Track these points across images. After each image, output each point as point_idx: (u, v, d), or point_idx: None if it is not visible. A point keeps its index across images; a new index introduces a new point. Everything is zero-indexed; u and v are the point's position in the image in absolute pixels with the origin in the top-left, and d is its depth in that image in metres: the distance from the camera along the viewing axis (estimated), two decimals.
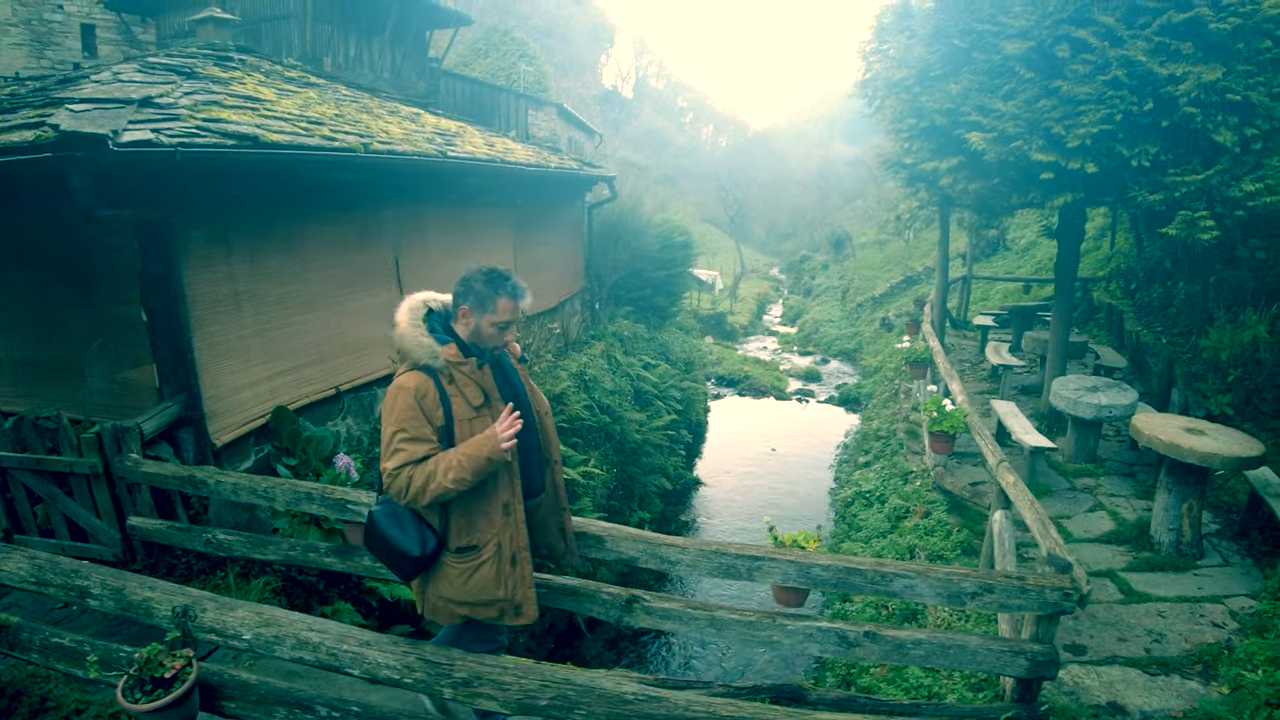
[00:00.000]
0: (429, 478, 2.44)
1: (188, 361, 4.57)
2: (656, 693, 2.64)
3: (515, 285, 2.63)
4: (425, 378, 2.52)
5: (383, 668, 2.79)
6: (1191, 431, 5.73)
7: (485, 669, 2.74)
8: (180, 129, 4.14)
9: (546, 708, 2.67)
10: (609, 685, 2.67)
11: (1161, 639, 4.89)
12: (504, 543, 2.63)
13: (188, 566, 4.57)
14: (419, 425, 2.49)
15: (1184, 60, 5.84)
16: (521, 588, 2.68)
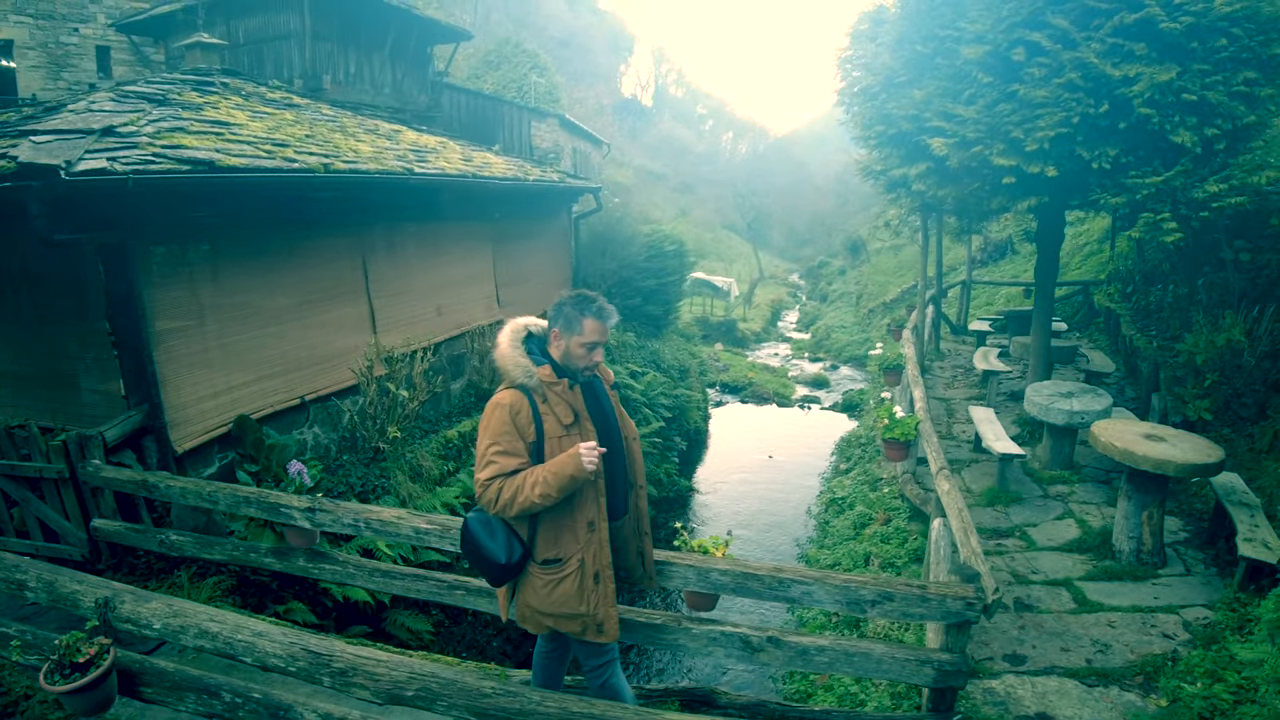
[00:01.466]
0: (517, 491, 2.60)
1: (149, 374, 4.95)
2: (512, 688, 2.87)
3: (601, 307, 2.79)
4: (520, 395, 2.71)
5: (271, 656, 3.08)
6: (1150, 438, 5.76)
7: (361, 661, 3.01)
8: (136, 157, 4.52)
9: (413, 698, 2.93)
10: (470, 680, 2.91)
11: (1107, 649, 4.93)
12: (587, 559, 2.76)
13: (148, 566, 4.94)
14: (512, 440, 2.67)
15: (1138, 61, 5.90)
16: (604, 605, 2.79)
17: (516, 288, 9.46)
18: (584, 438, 2.73)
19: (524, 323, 2.90)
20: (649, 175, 37.44)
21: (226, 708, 3.23)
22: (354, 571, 4.36)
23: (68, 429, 4.87)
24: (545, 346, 2.86)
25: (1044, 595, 5.63)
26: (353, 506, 4.20)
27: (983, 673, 4.73)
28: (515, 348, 2.77)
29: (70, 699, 3.19)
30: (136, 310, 4.86)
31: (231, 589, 5.00)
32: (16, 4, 11.01)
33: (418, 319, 7.51)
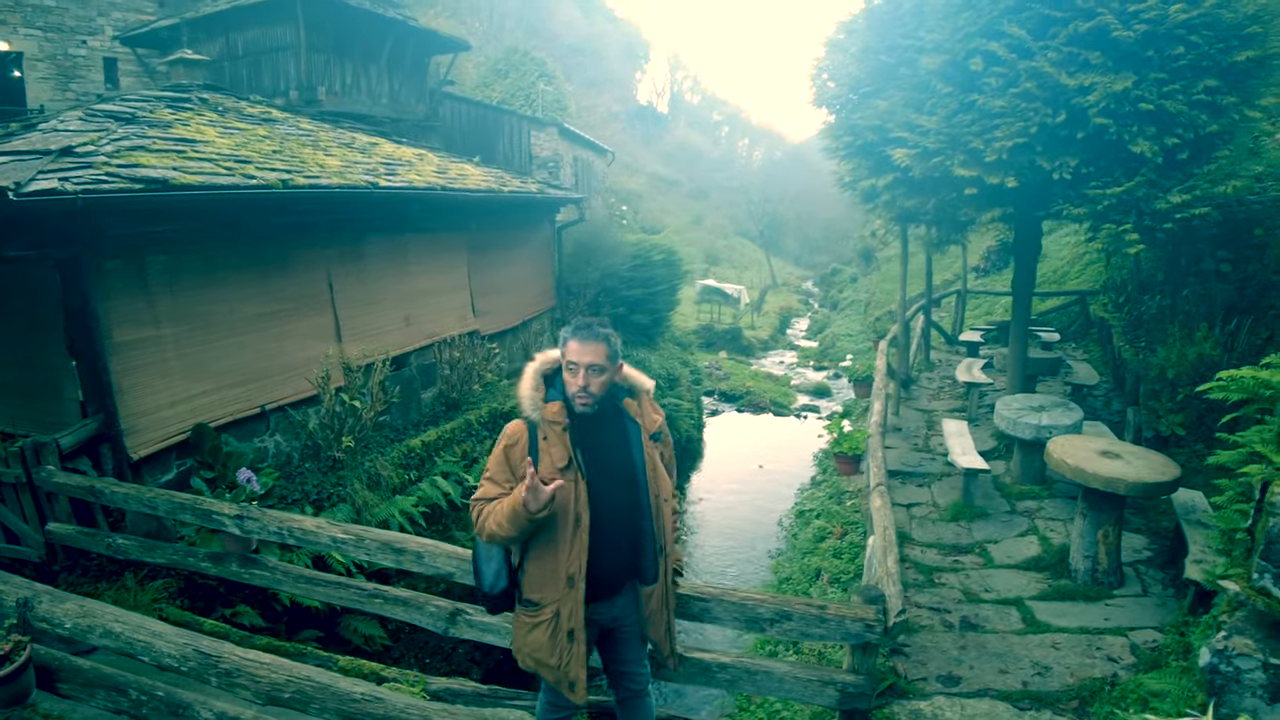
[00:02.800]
0: (486, 518, 2.64)
1: (104, 383, 5.25)
2: (379, 694, 3.06)
3: (579, 325, 2.70)
4: (523, 429, 2.70)
5: (165, 656, 3.30)
6: (1106, 455, 5.75)
7: (246, 663, 3.22)
8: (89, 176, 4.81)
9: (289, 700, 3.13)
10: (343, 686, 3.11)
11: (1046, 672, 4.90)
12: (563, 613, 2.69)
13: (100, 569, 5.23)
14: (500, 470, 2.70)
15: (1093, 70, 5.93)
16: (574, 666, 2.71)
17: (494, 297, 9.71)
18: (575, 485, 2.65)
19: (553, 356, 2.80)
20: (662, 182, 37.66)
21: (133, 704, 3.47)
22: (281, 578, 4.59)
23: (30, 435, 5.19)
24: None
25: (992, 615, 5.65)
26: (277, 515, 4.43)
27: (913, 693, 4.75)
28: (533, 380, 2.75)
29: None
30: (91, 322, 5.16)
31: (180, 591, 5.26)
32: (26, 17, 11.61)
33: (386, 329, 7.79)
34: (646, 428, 2.84)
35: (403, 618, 4.35)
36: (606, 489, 2.73)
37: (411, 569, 4.16)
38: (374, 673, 4.64)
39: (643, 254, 12.24)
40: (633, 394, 2.88)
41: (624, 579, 2.89)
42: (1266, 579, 3.20)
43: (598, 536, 2.70)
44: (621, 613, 2.92)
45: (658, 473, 2.83)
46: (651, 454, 2.83)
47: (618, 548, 2.80)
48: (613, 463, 2.76)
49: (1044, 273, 13.72)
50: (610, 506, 2.73)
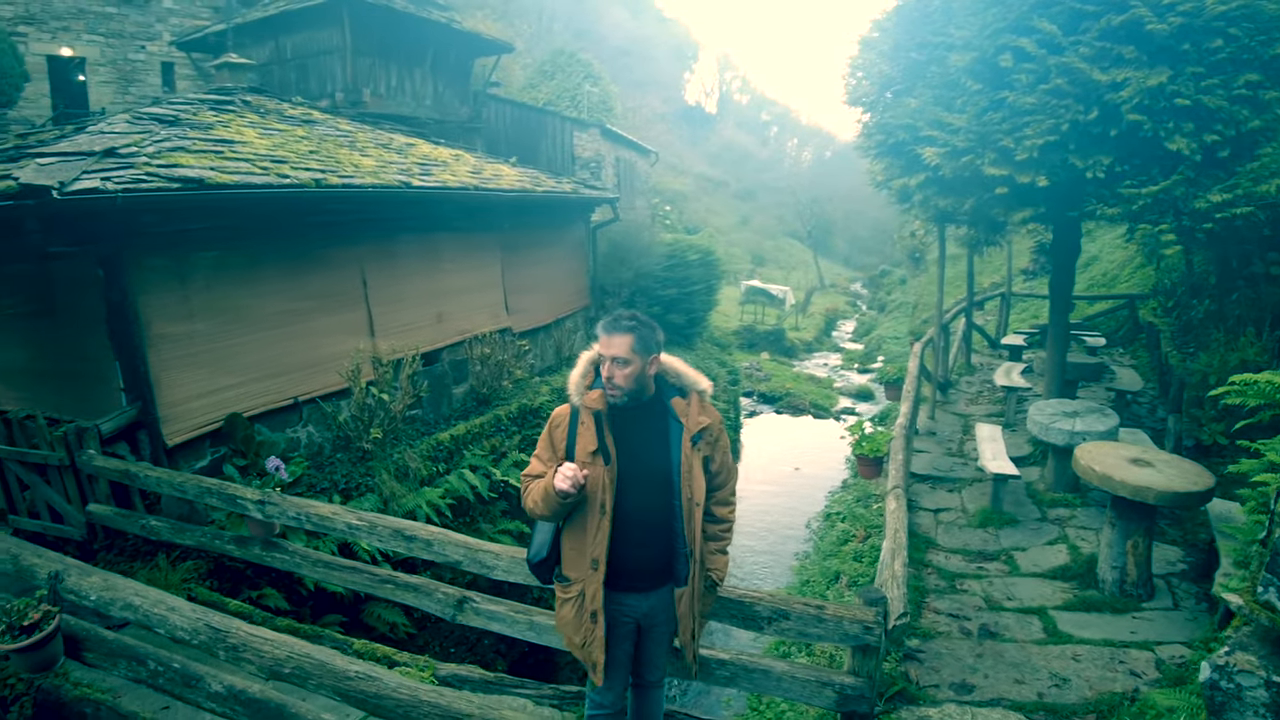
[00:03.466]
0: (528, 494, 2.81)
1: (142, 373, 5.56)
2: (373, 673, 3.19)
3: (608, 320, 2.78)
4: (567, 411, 2.84)
5: (179, 629, 3.51)
6: (1136, 463, 5.61)
7: (252, 639, 3.39)
8: (130, 176, 5.11)
9: (289, 675, 3.29)
10: (339, 664, 3.25)
11: (1064, 684, 4.79)
12: (587, 593, 2.79)
13: (135, 549, 5.53)
14: (544, 448, 2.87)
15: (1126, 65, 5.78)
16: (593, 647, 2.81)
17: (527, 296, 9.89)
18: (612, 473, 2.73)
19: None
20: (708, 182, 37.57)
21: (150, 674, 3.69)
22: (300, 561, 4.80)
23: (74, 421, 5.53)
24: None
25: (1013, 623, 5.55)
26: (296, 501, 4.63)
27: (923, 700, 4.71)
28: (583, 368, 2.85)
29: (17, 657, 3.72)
30: (131, 315, 5.46)
31: (210, 573, 5.53)
32: (90, 24, 12.30)
33: (418, 325, 8.02)
34: (689, 429, 2.80)
35: (413, 603, 4.49)
36: (637, 483, 2.79)
37: (421, 556, 4.30)
38: (386, 656, 4.81)
39: (678, 254, 12.29)
40: (684, 393, 2.88)
41: (658, 576, 2.93)
42: (1271, 592, 3.09)
43: (625, 527, 2.77)
44: (653, 610, 2.96)
45: (692, 475, 2.79)
46: (688, 455, 2.79)
47: (648, 543, 2.84)
48: (647, 458, 2.81)
49: (1093, 276, 13.32)
50: (640, 501, 2.79)
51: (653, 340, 2.77)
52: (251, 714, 3.47)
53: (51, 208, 4.62)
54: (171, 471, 5.09)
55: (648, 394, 2.82)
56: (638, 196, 19.76)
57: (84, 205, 4.74)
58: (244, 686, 3.50)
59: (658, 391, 2.86)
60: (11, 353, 6.21)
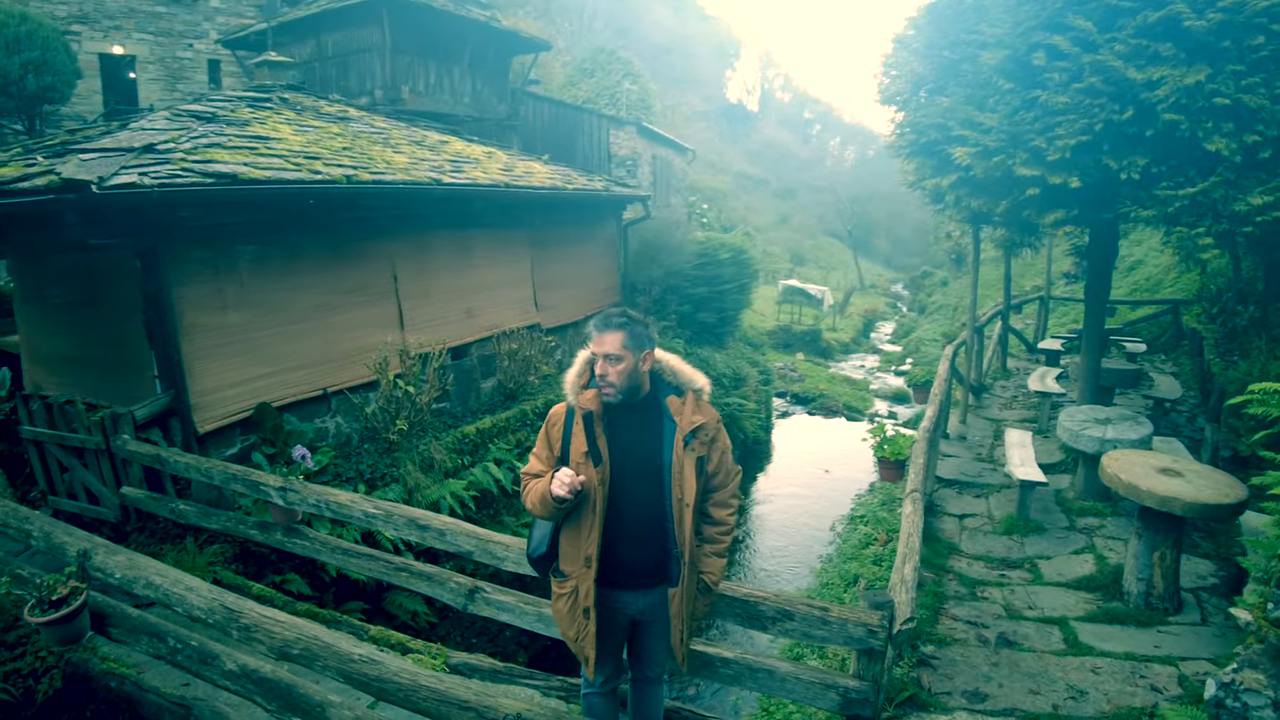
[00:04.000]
0: (527, 494, 2.85)
1: (175, 362, 5.77)
2: (376, 657, 3.29)
3: (600, 317, 2.80)
4: (563, 411, 2.86)
5: (195, 608, 3.65)
6: (1165, 472, 5.47)
7: (264, 620, 3.52)
8: (166, 172, 5.31)
9: (297, 656, 3.41)
10: (344, 646, 3.36)
11: (1081, 697, 4.71)
12: (580, 589, 2.84)
13: (165, 531, 5.74)
14: (542, 447, 2.89)
15: (1163, 63, 5.63)
16: (585, 641, 2.88)
17: (556, 292, 10.00)
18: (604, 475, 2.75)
19: None
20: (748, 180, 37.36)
21: (170, 650, 3.85)
22: (319, 548, 4.94)
23: (111, 407, 5.76)
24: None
25: (1032, 633, 5.47)
26: (316, 489, 4.77)
27: (934, 706, 4.67)
28: (579, 367, 2.88)
29: (47, 630, 3.91)
30: (166, 306, 5.68)
31: (235, 557, 5.72)
32: (140, 23, 12.75)
33: (447, 320, 8.16)
34: (682, 428, 2.79)
35: (427, 591, 4.60)
36: (629, 482, 2.79)
37: (434, 545, 4.40)
38: (400, 644, 4.95)
39: (709, 252, 12.27)
40: (679, 392, 2.88)
41: (653, 574, 2.94)
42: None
43: (617, 525, 2.80)
44: (650, 607, 2.98)
45: (684, 476, 2.78)
46: (680, 455, 2.78)
47: (643, 541, 2.86)
48: (639, 458, 2.81)
49: (1137, 280, 12.95)
50: (634, 500, 2.81)
51: (645, 336, 2.77)
52: (264, 692, 3.60)
53: (91, 201, 4.82)
54: (199, 458, 5.29)
55: (642, 392, 2.83)
56: (674, 194, 19.77)
57: (122, 199, 4.94)
58: (256, 666, 3.62)
59: (653, 389, 2.87)
60: (57, 340, 6.50)
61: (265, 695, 3.60)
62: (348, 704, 3.44)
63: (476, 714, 3.01)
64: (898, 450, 6.41)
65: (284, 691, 3.53)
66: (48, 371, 6.57)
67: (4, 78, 10.22)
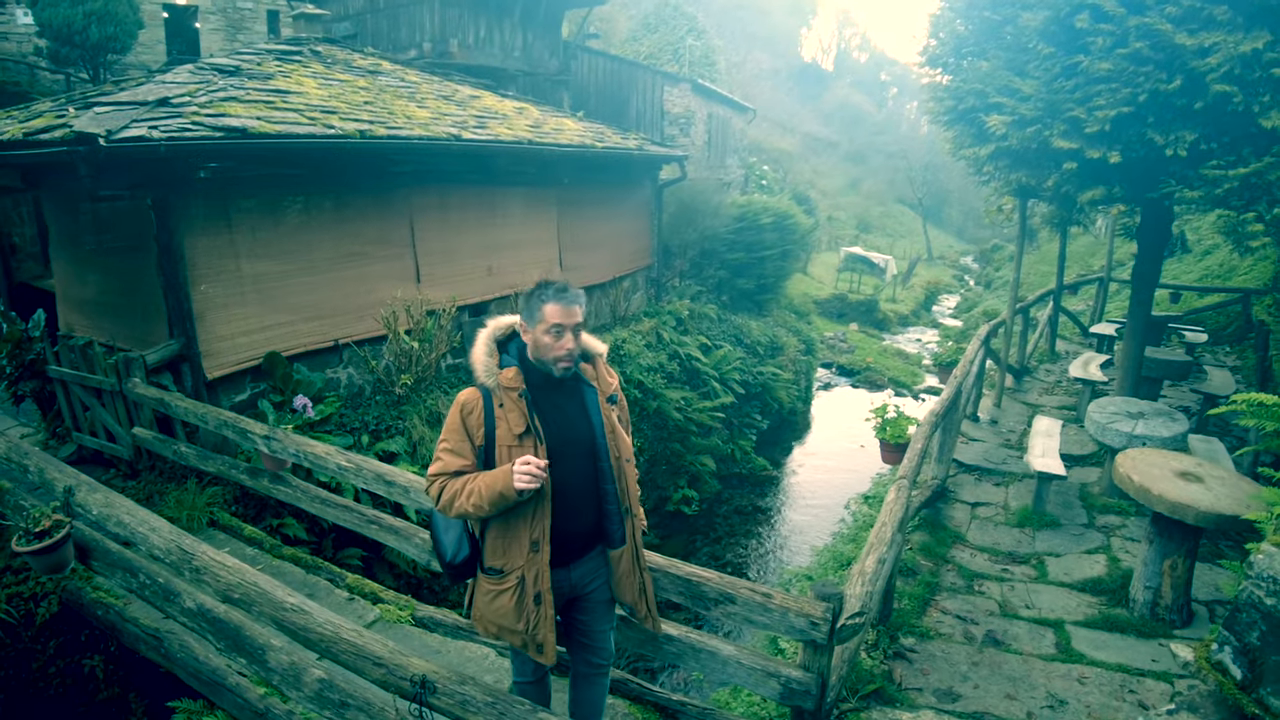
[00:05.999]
0: (455, 495, 2.61)
1: (185, 310, 6.01)
2: (306, 607, 3.40)
3: (561, 289, 2.70)
4: (477, 395, 2.69)
5: (155, 548, 3.85)
6: (1185, 476, 5.13)
7: (213, 564, 3.67)
8: (176, 125, 5.47)
9: (238, 600, 3.55)
10: (279, 595, 3.47)
11: (1060, 706, 4.49)
12: (528, 577, 2.72)
13: (173, 471, 6.06)
14: (459, 440, 2.68)
15: (1218, 28, 5.14)
16: (543, 628, 2.76)
17: (585, 253, 9.96)
18: (535, 452, 2.65)
19: (507, 322, 2.85)
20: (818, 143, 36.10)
21: (139, 585, 4.09)
22: (300, 495, 5.15)
23: (130, 350, 6.08)
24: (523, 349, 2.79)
25: (1024, 634, 5.27)
26: (298, 439, 4.95)
27: (901, 702, 4.55)
28: (486, 345, 2.75)
29: (33, 559, 4.20)
30: (177, 255, 5.90)
31: (236, 499, 5.99)
32: None
33: (467, 276, 8.24)
34: (602, 390, 2.85)
35: (394, 545, 4.74)
36: (566, 454, 2.75)
37: (400, 501, 4.52)
38: (373, 593, 5.13)
39: (748, 216, 11.95)
40: (587, 358, 2.90)
41: (588, 544, 2.93)
42: (1226, 653, 2.77)
43: (559, 501, 2.75)
44: (581, 579, 2.96)
45: (616, 435, 2.84)
46: (609, 417, 2.83)
47: (579, 512, 2.84)
48: (571, 428, 2.79)
49: (1208, 265, 12.03)
50: (570, 471, 2.77)
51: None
52: (215, 632, 3.79)
53: (101, 154, 5.01)
54: (197, 403, 5.53)
55: None
56: (730, 154, 19.30)
57: (130, 151, 5.12)
58: (211, 606, 3.81)
59: None
60: (86, 285, 6.85)
61: (217, 634, 3.79)
62: (287, 649, 3.59)
63: (387, 670, 3.07)
64: (900, 433, 6.19)
65: (233, 632, 3.71)
66: (78, 314, 6.96)
67: (69, 27, 10.69)
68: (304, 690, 3.47)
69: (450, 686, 2.92)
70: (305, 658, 3.55)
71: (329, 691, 3.40)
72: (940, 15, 7.49)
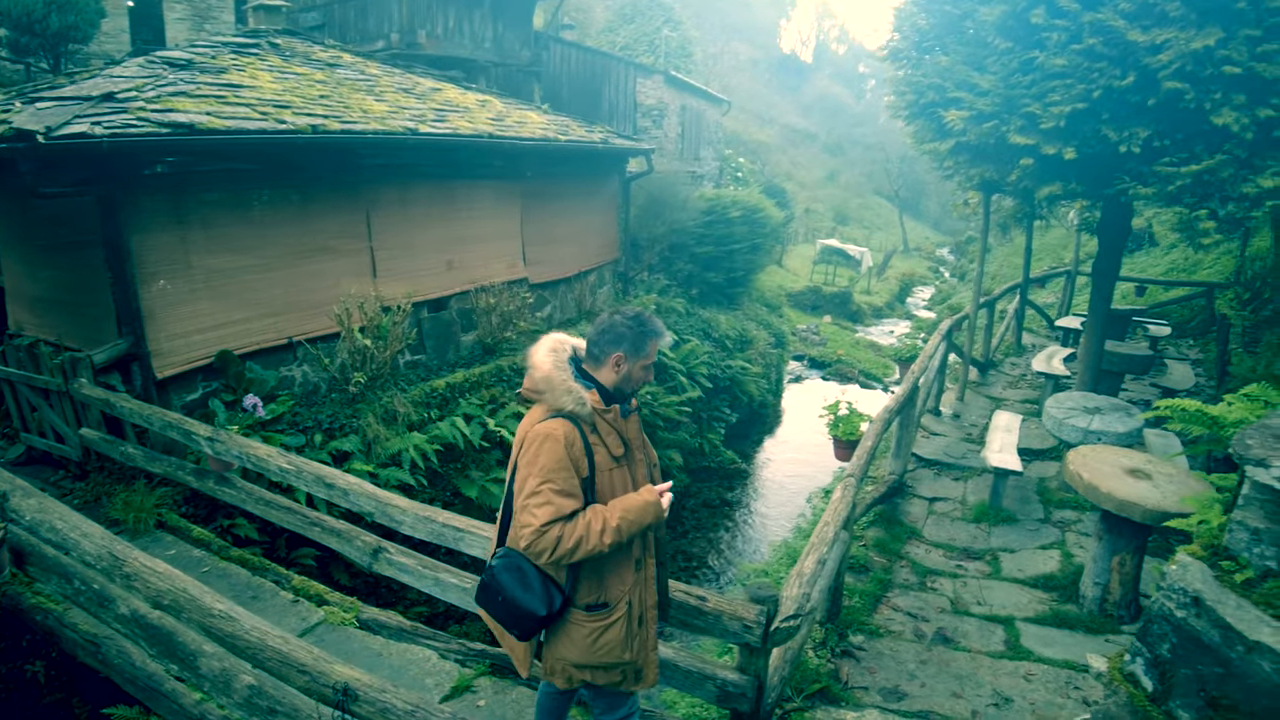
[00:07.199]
0: (582, 539, 2.37)
1: (133, 308, 5.93)
2: (234, 614, 3.37)
3: (660, 324, 2.68)
4: (571, 426, 2.47)
5: (87, 554, 3.80)
6: (1134, 473, 5.18)
7: (143, 570, 3.63)
8: (120, 121, 5.36)
9: (168, 606, 3.52)
10: (207, 601, 3.44)
11: (1005, 704, 4.50)
12: (634, 601, 2.58)
13: (121, 472, 5.98)
14: (569, 478, 2.42)
15: (1171, 24, 5.16)
16: (646, 650, 2.65)
17: (549, 247, 9.92)
18: (633, 470, 2.60)
19: (568, 341, 2.68)
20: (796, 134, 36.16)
21: (74, 591, 4.04)
22: (245, 497, 5.11)
23: (79, 349, 5.99)
24: (581, 366, 2.63)
25: (974, 631, 5.30)
26: (241, 440, 4.90)
27: (846, 701, 4.53)
28: (562, 369, 2.52)
29: None
30: (124, 252, 5.81)
31: (185, 499, 5.93)
32: None
33: (426, 272, 8.18)
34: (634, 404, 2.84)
35: (336, 547, 4.71)
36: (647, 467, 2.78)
37: (339, 503, 4.49)
38: (319, 595, 5.09)
39: (717, 209, 11.95)
40: None
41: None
42: (1139, 664, 2.79)
43: None
44: None
45: (645, 442, 2.84)
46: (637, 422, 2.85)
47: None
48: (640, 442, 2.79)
49: (1175, 259, 12.16)
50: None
51: None
52: (149, 638, 3.76)
53: (41, 151, 4.92)
54: (142, 404, 5.47)
55: None
56: (704, 146, 19.24)
57: (72, 149, 5.03)
58: (145, 612, 3.77)
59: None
60: (37, 283, 6.75)
61: (150, 640, 3.76)
62: (219, 655, 3.56)
63: (311, 678, 3.06)
64: (851, 430, 6.21)
65: (166, 638, 3.68)
66: (28, 313, 6.86)
67: (28, 16, 10.47)
68: (234, 696, 3.45)
69: (372, 694, 2.91)
70: (236, 664, 3.53)
71: (258, 698, 3.39)
72: (903, 9, 7.49)
